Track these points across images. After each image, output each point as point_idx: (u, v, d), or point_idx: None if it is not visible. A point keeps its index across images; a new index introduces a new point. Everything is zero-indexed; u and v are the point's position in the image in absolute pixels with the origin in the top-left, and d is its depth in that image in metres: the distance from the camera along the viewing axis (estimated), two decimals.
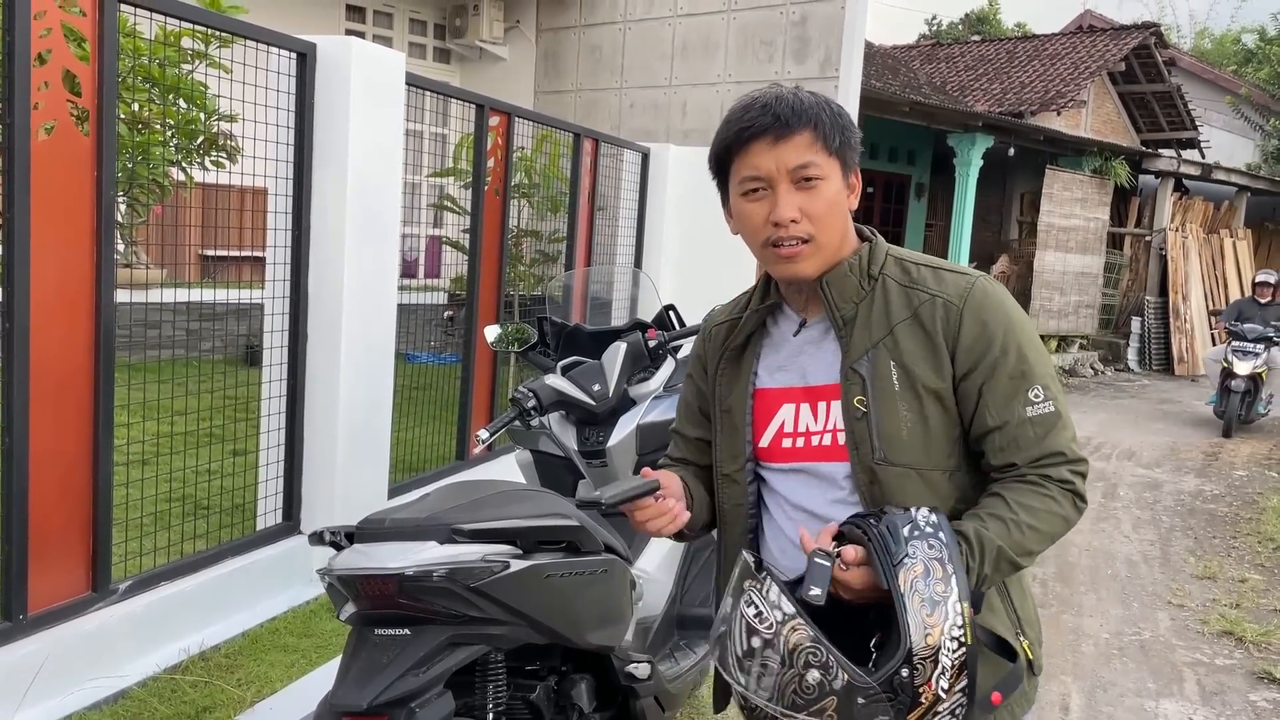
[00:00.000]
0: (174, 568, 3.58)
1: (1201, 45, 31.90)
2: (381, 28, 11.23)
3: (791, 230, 1.53)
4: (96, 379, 3.13)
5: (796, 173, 1.52)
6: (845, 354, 1.58)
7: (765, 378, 1.70)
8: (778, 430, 1.68)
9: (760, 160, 1.54)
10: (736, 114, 1.57)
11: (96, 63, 3.04)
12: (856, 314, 1.59)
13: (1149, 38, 15.95)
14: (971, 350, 1.55)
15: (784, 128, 1.52)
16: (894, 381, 1.55)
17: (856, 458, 1.58)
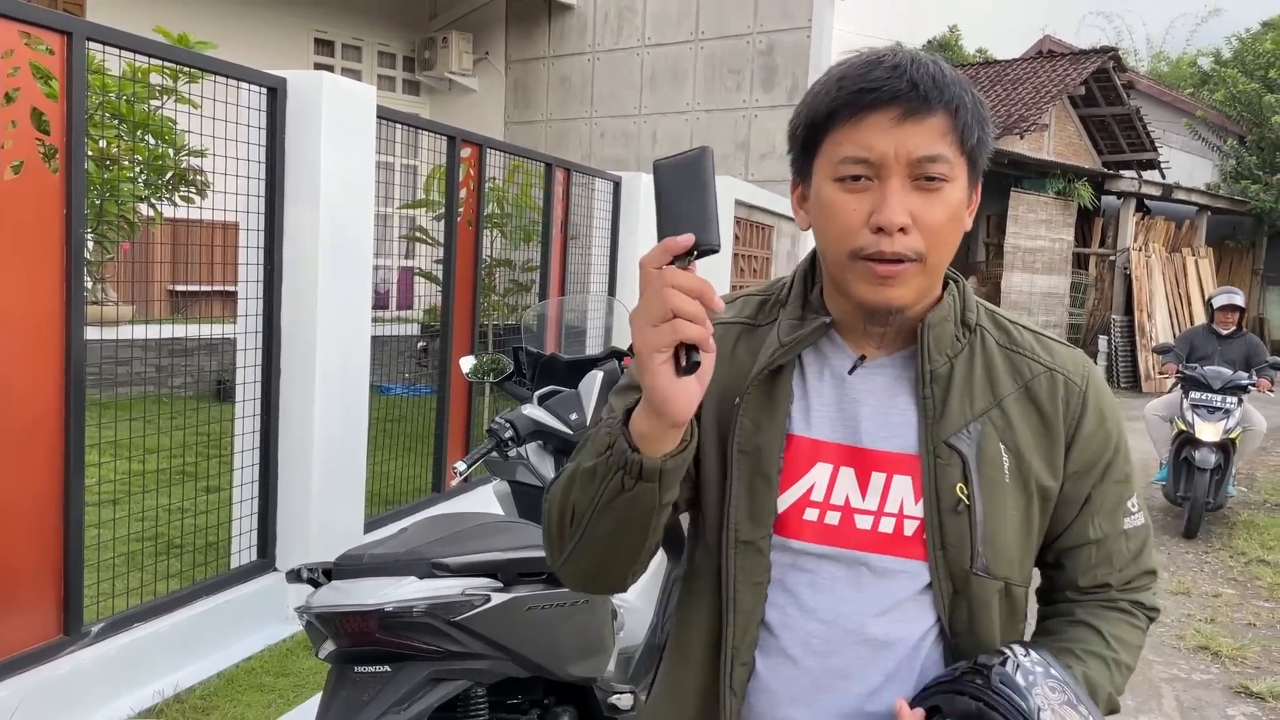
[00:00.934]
0: (147, 608, 3.53)
1: (1158, 68, 32.52)
2: (350, 60, 11.26)
3: (899, 243, 1.12)
4: (66, 418, 3.10)
5: (921, 166, 1.13)
6: (932, 420, 1.20)
7: (800, 420, 1.24)
8: (803, 495, 1.22)
9: (876, 138, 1.12)
10: (855, 70, 1.14)
11: (65, 100, 3.03)
12: (952, 372, 1.22)
13: (1107, 62, 16.24)
14: (1089, 446, 1.25)
15: (920, 102, 1.12)
16: (1005, 471, 1.21)
17: (942, 561, 1.19)
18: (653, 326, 0.98)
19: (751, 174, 9.75)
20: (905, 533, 1.19)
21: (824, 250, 1.20)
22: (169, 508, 4.24)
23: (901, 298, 1.16)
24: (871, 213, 1.12)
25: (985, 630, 1.22)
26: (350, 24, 11.18)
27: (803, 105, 1.20)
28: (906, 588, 1.20)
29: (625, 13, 10.55)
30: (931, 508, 1.18)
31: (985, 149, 1.20)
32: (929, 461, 1.19)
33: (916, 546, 1.19)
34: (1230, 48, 23.13)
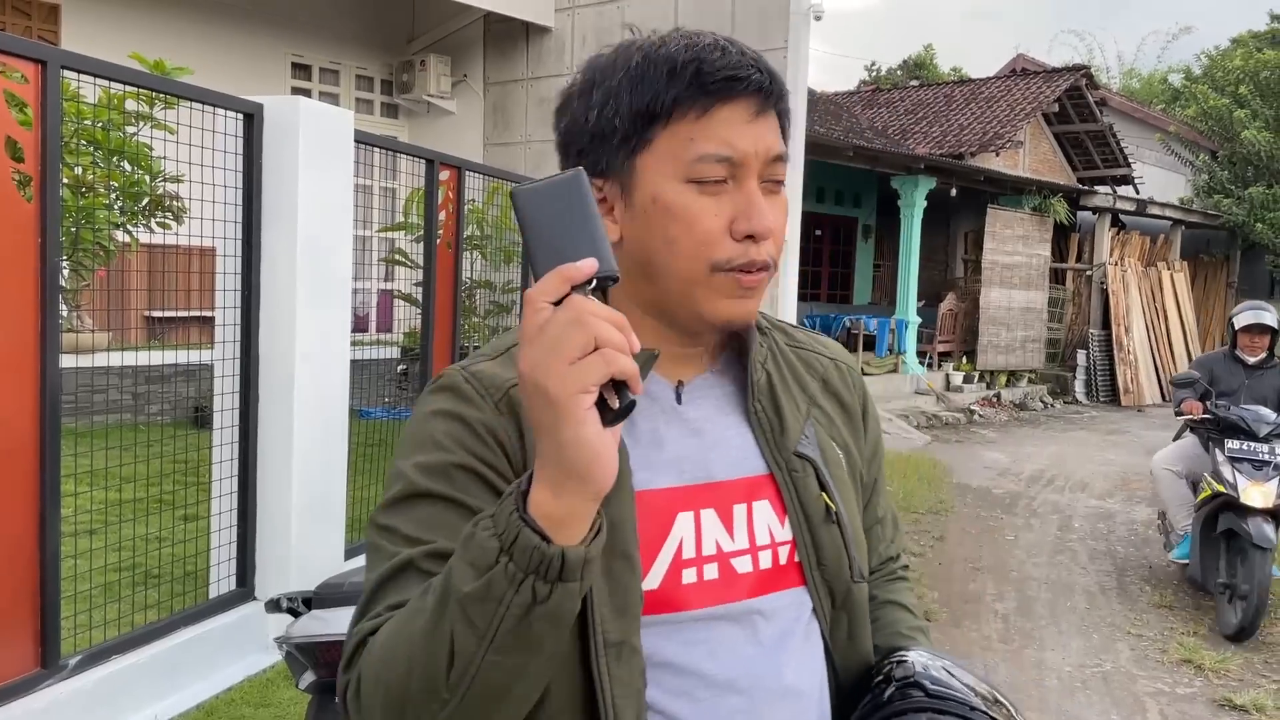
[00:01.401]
0: (125, 640, 3.48)
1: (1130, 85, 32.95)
2: (328, 84, 11.25)
3: (764, 250, 1.01)
4: (42, 448, 3.06)
5: (770, 167, 1.01)
6: (773, 433, 1.09)
7: (645, 473, 1.03)
8: (674, 557, 1.02)
9: (737, 133, 0.98)
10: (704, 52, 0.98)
11: (40, 129, 3.01)
12: (770, 379, 1.12)
13: (1080, 79, 16.42)
14: (873, 429, 1.24)
15: (772, 97, 1.01)
16: (844, 467, 1.15)
17: (820, 579, 1.09)
18: (572, 364, 0.76)
19: None
20: (781, 561, 1.07)
21: (664, 266, 1.01)
22: (147, 537, 4.19)
23: (754, 310, 1.06)
24: (733, 218, 0.99)
25: (863, 639, 1.15)
26: (327, 48, 11.18)
27: (612, 92, 1.00)
28: (797, 620, 1.08)
29: (603, 34, 10.59)
30: (800, 526, 1.07)
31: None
32: (784, 478, 1.08)
33: (793, 574, 1.08)
34: (1200, 64, 23.45)
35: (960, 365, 14.44)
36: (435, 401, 1.03)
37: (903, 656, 1.12)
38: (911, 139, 16.21)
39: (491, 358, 1.05)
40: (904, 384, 13.33)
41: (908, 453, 9.86)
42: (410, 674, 0.83)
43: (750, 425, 1.09)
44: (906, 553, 1.30)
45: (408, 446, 1.01)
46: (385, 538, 0.95)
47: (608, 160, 1.02)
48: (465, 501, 0.94)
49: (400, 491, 0.97)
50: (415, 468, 0.97)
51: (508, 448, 0.99)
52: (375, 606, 0.92)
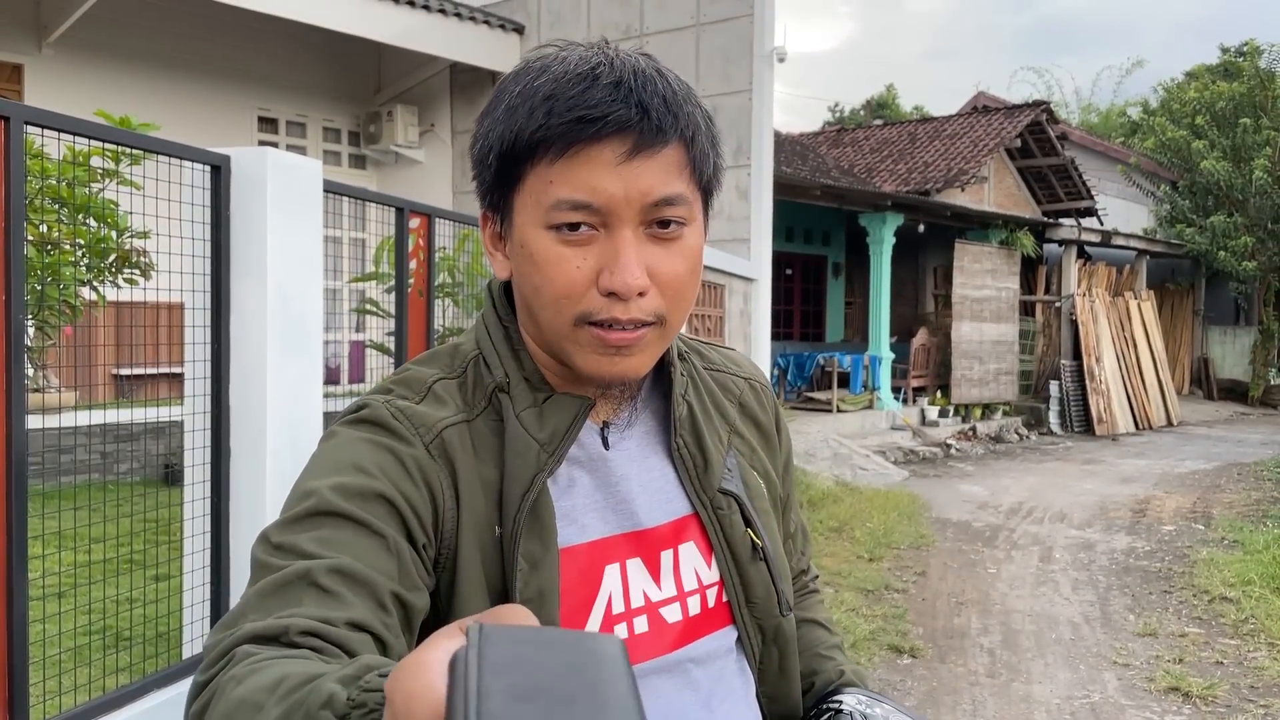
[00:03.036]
0: (97, 705, 3.38)
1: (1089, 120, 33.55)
2: (295, 137, 11.26)
3: (635, 308, 0.90)
4: (8, 510, 2.99)
5: (656, 210, 0.90)
6: (697, 470, 1.04)
7: (568, 527, 0.97)
8: (604, 614, 0.97)
9: (599, 178, 0.88)
10: (567, 87, 0.88)
11: (3, 186, 2.97)
12: (691, 412, 1.06)
13: (1040, 115, 16.70)
14: (785, 445, 1.20)
15: (652, 134, 0.88)
16: (765, 497, 1.10)
17: (750, 617, 1.05)
18: None
19: None
20: (709, 604, 1.03)
21: (537, 313, 0.94)
22: (117, 599, 4.10)
23: (638, 368, 0.94)
24: (600, 270, 0.89)
25: (794, 670, 1.11)
26: (293, 101, 11.20)
27: (494, 122, 0.92)
28: (728, 661, 1.04)
29: None
30: (727, 565, 1.03)
31: (720, 177, 0.99)
32: (709, 516, 1.03)
33: (722, 613, 1.04)
34: (1157, 97, 23.94)
35: (935, 399, 14.50)
36: (361, 432, 0.94)
37: (839, 703, 1.07)
38: (877, 177, 16.40)
39: (411, 397, 0.98)
40: (880, 420, 13.36)
41: (885, 489, 9.85)
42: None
43: (673, 463, 1.04)
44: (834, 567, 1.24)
45: (323, 468, 0.90)
46: (278, 555, 0.83)
47: (492, 196, 0.96)
48: (380, 530, 0.84)
49: (306, 508, 0.85)
50: (332, 488, 0.86)
51: (436, 494, 0.91)
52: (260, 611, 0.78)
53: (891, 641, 5.20)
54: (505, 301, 1.03)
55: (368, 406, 0.97)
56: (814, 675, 1.16)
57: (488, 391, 0.99)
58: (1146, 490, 10.20)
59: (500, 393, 0.98)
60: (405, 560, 0.85)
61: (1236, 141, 18.33)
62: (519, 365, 0.99)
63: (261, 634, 0.75)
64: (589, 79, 0.88)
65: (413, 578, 0.86)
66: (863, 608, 5.79)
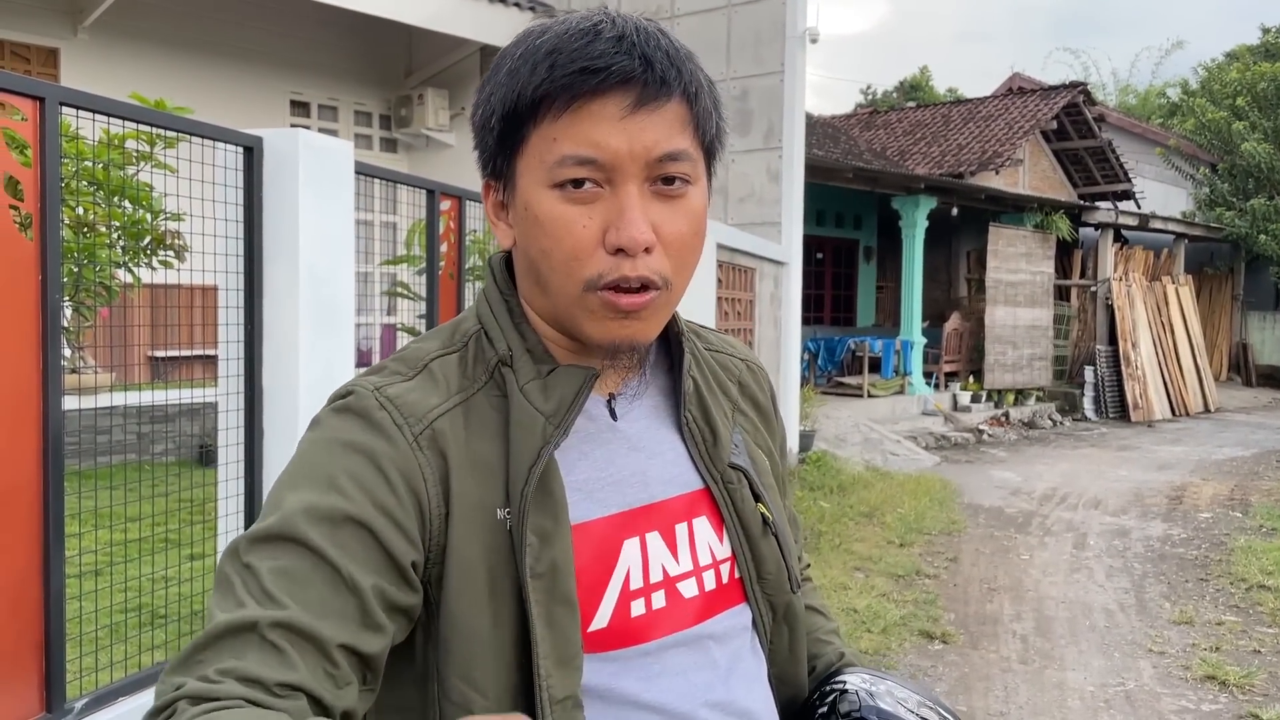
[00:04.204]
0: (132, 681, 3.43)
1: (1126, 101, 33.05)
2: (327, 120, 11.31)
3: (643, 265, 0.89)
4: (46, 490, 3.03)
5: (660, 166, 0.89)
6: (706, 444, 1.03)
7: (584, 502, 0.96)
8: (621, 590, 0.95)
9: (604, 132, 0.87)
10: (570, 41, 0.87)
11: (39, 166, 2.99)
12: (696, 387, 1.05)
13: (1077, 96, 16.47)
14: (779, 427, 1.19)
15: (656, 85, 0.87)
16: (769, 473, 1.10)
17: (761, 594, 1.05)
18: None
19: (731, 217, 9.79)
20: (723, 580, 1.02)
21: (545, 280, 0.93)
22: (152, 577, 4.15)
23: (646, 333, 0.93)
24: (606, 229, 0.88)
25: (801, 650, 1.11)
26: (325, 84, 11.24)
27: (495, 85, 0.92)
28: (743, 639, 1.03)
29: None
30: (739, 540, 1.03)
31: (723, 140, 0.97)
32: (720, 491, 1.02)
33: (736, 590, 1.03)
34: (1197, 78, 23.53)
35: (967, 385, 14.39)
36: (343, 427, 0.92)
37: (843, 683, 1.07)
38: (910, 160, 16.24)
39: (407, 376, 0.96)
40: (911, 405, 13.27)
41: (917, 474, 9.79)
42: None
43: (683, 437, 1.03)
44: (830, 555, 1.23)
45: (299, 475, 0.90)
46: (240, 575, 0.84)
47: (494, 163, 0.95)
48: (338, 566, 0.83)
49: (273, 527, 0.85)
50: (302, 506, 0.85)
51: (422, 497, 0.89)
52: (203, 662, 0.79)
53: (923, 627, 5.17)
54: (506, 274, 1.02)
55: (354, 393, 0.94)
56: (815, 659, 1.17)
57: (490, 366, 0.97)
58: (1183, 477, 10.08)
59: (503, 366, 0.97)
60: (364, 597, 0.84)
61: (1279, 123, 17.99)
62: (521, 338, 0.98)
63: (197, 695, 0.76)
64: (591, 34, 0.87)
65: (373, 615, 0.84)
66: (894, 593, 5.76)
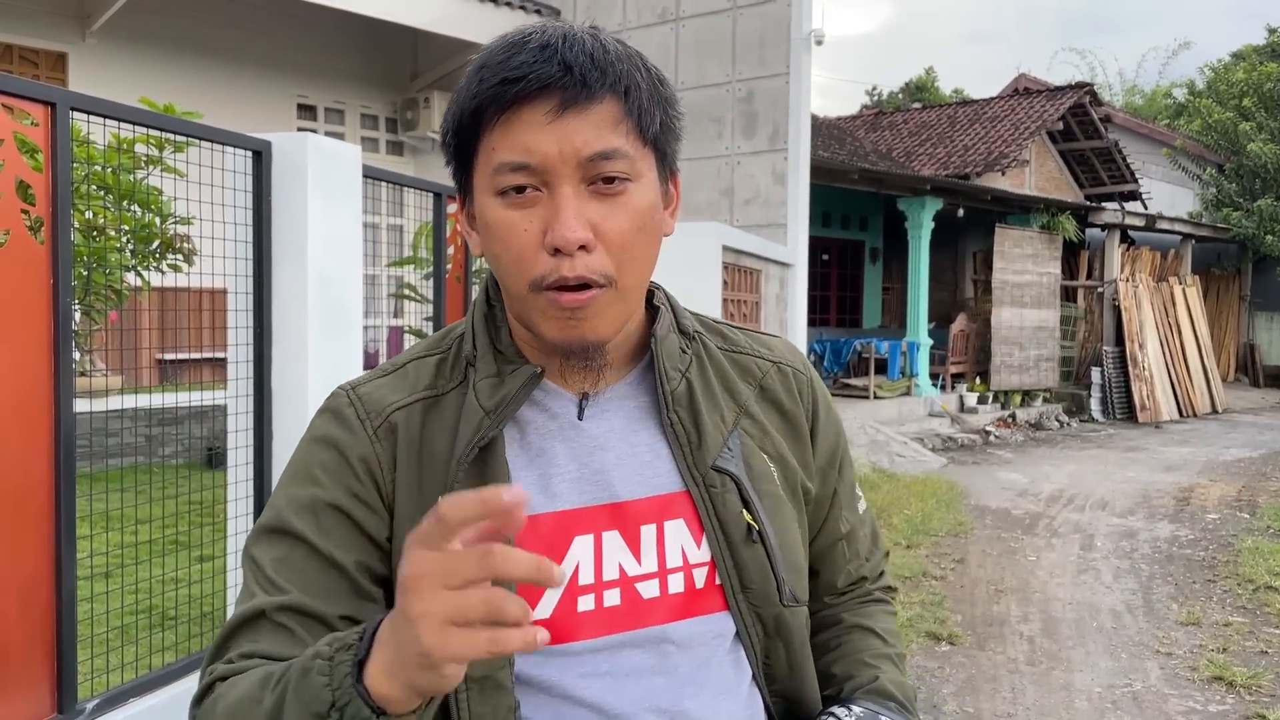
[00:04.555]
0: (143, 682, 3.45)
1: (1133, 102, 33.00)
2: (333, 124, 11.34)
3: (580, 264, 0.91)
4: (57, 492, 3.05)
5: (594, 166, 0.91)
6: (689, 447, 1.02)
7: (536, 495, 1.00)
8: (569, 584, 0.98)
9: (533, 137, 0.90)
10: (497, 55, 0.93)
11: (50, 170, 3.02)
12: (690, 389, 1.05)
13: (1083, 97, 16.46)
14: (827, 437, 1.14)
15: (578, 87, 0.90)
16: (776, 482, 1.06)
17: (746, 605, 1.02)
18: (453, 626, 0.68)
19: (736, 219, 9.80)
20: (697, 585, 1.01)
21: (503, 283, 0.98)
22: (162, 579, 4.18)
23: (597, 331, 0.95)
24: (545, 230, 0.91)
25: (804, 669, 1.09)
26: (332, 88, 11.28)
27: (450, 104, 0.98)
28: (718, 649, 1.02)
29: None
30: (719, 546, 1.01)
31: (673, 135, 0.99)
32: (701, 494, 1.02)
33: (715, 597, 1.02)
34: (1204, 78, 23.49)
35: (974, 386, 14.37)
36: (319, 425, 1.05)
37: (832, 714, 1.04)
38: (916, 161, 16.24)
39: (385, 373, 1.07)
40: (918, 406, 13.27)
41: (923, 475, 9.79)
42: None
43: (666, 439, 1.03)
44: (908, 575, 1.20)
45: (287, 472, 1.03)
46: (250, 570, 0.97)
47: (459, 178, 1.01)
48: (323, 550, 0.95)
49: (267, 523, 0.99)
50: (287, 500, 0.99)
51: (380, 480, 1.00)
52: (228, 650, 0.94)
53: (930, 629, 5.17)
54: (493, 280, 1.07)
55: (334, 395, 1.08)
56: (848, 680, 1.12)
57: (463, 367, 1.04)
58: (1190, 478, 10.06)
59: (469, 367, 1.04)
60: (350, 574, 0.96)
61: None
62: (492, 339, 1.04)
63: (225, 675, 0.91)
64: (517, 46, 0.92)
65: (363, 587, 0.96)
66: (901, 595, 5.75)
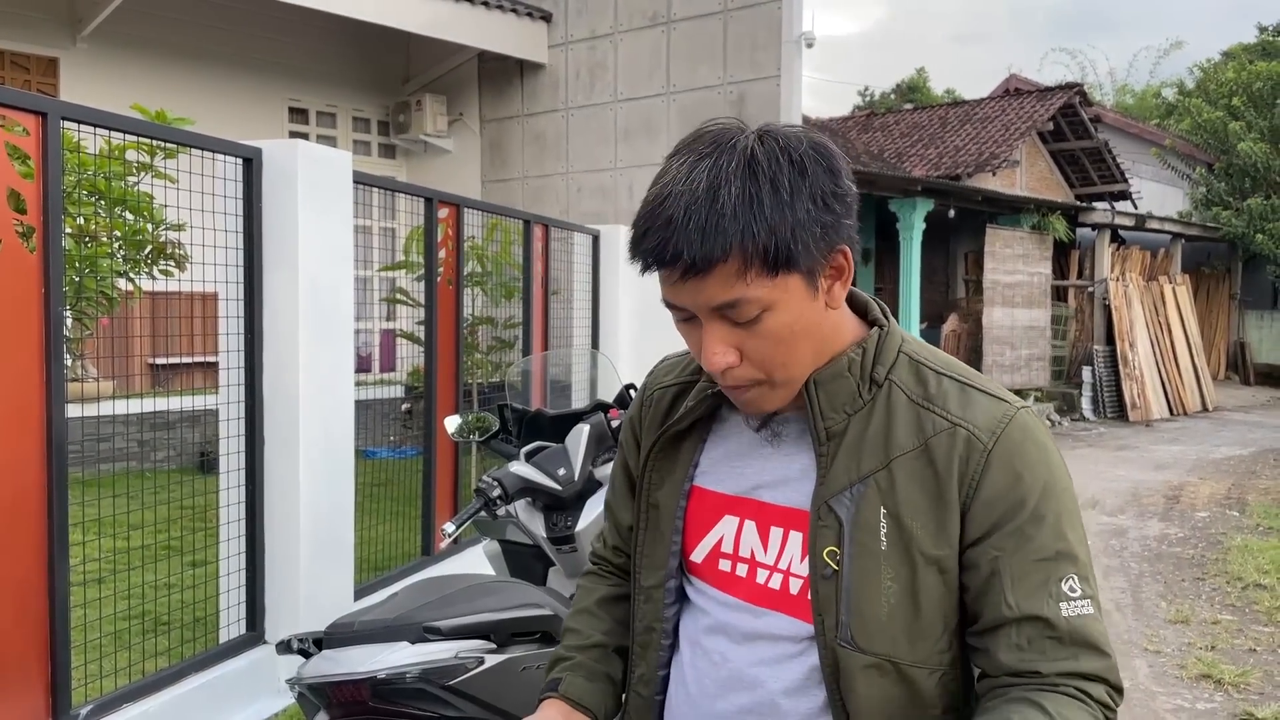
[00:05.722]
0: (136, 688, 3.46)
1: (1124, 101, 33.10)
2: (325, 127, 11.35)
3: (730, 377, 1.12)
4: (49, 498, 3.06)
5: (722, 311, 1.08)
6: (822, 481, 1.15)
7: (708, 474, 1.26)
8: (714, 545, 1.24)
9: (673, 291, 1.09)
10: (639, 224, 1.08)
11: (41, 180, 3.03)
12: (847, 429, 1.15)
13: (1074, 97, 16.51)
14: (993, 508, 1.10)
15: (691, 269, 1.05)
16: (881, 537, 1.11)
17: (821, 628, 1.13)
18: None
19: None
20: (791, 590, 1.17)
21: None
22: (155, 584, 4.19)
23: (761, 408, 1.18)
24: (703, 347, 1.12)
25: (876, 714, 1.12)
26: (324, 91, 11.29)
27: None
28: (790, 649, 1.18)
29: (597, 69, 10.69)
30: (813, 571, 1.14)
31: (810, 246, 1.06)
32: (813, 522, 1.14)
33: (802, 606, 1.16)
34: (1194, 78, 23.58)
35: None
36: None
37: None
38: (908, 162, 16.28)
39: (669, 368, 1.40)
40: None
41: None
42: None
43: (818, 465, 1.16)
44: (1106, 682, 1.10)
45: None
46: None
47: None
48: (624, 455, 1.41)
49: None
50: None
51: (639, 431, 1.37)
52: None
53: None
54: None
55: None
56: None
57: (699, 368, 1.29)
58: (1180, 476, 10.11)
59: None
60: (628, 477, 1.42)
61: (1274, 122, 18.03)
62: None
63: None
64: (652, 217, 1.07)
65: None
66: None
